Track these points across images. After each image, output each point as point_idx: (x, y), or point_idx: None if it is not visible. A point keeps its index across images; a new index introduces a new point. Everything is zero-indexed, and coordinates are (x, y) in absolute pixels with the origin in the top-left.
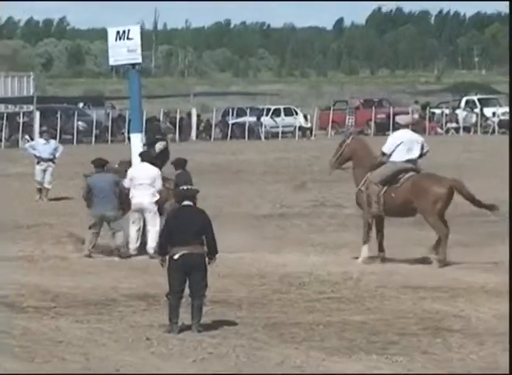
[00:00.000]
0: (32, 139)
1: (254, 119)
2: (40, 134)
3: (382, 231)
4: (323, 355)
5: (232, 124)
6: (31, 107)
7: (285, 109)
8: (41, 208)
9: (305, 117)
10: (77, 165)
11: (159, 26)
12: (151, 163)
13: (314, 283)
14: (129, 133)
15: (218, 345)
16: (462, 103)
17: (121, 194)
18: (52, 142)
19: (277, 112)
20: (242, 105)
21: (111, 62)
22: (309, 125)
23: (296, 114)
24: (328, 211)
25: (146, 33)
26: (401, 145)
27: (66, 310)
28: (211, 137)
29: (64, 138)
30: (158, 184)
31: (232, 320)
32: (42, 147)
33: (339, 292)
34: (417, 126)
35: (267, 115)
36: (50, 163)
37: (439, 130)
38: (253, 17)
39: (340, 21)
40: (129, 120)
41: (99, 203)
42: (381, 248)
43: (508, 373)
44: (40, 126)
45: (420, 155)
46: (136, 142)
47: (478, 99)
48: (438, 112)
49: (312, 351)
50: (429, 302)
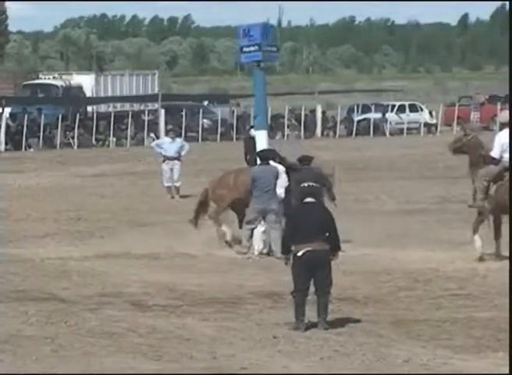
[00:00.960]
0: (157, 137)
1: (379, 115)
2: (166, 133)
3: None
4: (450, 353)
5: (358, 121)
6: (156, 105)
7: (410, 105)
8: (168, 206)
9: (430, 113)
10: (203, 163)
11: (284, 24)
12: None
13: (440, 279)
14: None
15: (344, 343)
16: None
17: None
18: (178, 140)
19: (402, 109)
20: (366, 101)
21: (242, 59)
22: (434, 121)
23: (422, 110)
24: (454, 207)
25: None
26: (505, 145)
27: (193, 308)
28: (336, 134)
29: (189, 136)
30: (283, 182)
31: (359, 318)
32: (168, 145)
33: (466, 289)
34: None
35: (392, 111)
36: (176, 161)
37: None
38: (377, 14)
39: (465, 17)
40: (254, 117)
41: (261, 196)
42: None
43: (508, 373)
44: (166, 124)
45: None
46: (262, 139)
47: None
48: None
49: (439, 348)
50: None
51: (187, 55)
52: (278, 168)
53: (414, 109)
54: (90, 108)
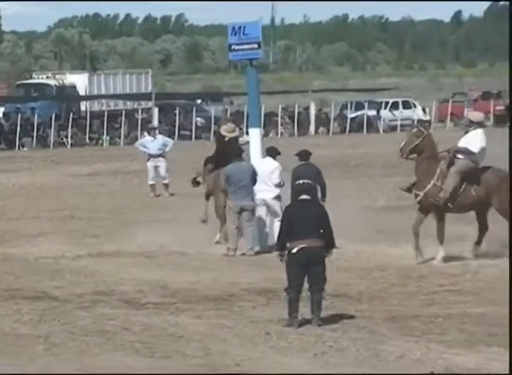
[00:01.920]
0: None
1: (372, 112)
2: (148, 132)
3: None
4: (443, 348)
5: (351, 118)
6: (150, 103)
7: (403, 102)
8: (160, 204)
9: (423, 110)
10: (196, 161)
11: (277, 22)
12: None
13: (432, 275)
14: (247, 128)
15: (338, 339)
16: None
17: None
18: (159, 137)
19: (395, 106)
20: (360, 98)
21: (230, 56)
22: (428, 118)
23: (415, 107)
24: None
25: (263, 28)
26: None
27: (186, 306)
28: (329, 132)
29: (182, 134)
30: (275, 179)
31: (352, 314)
32: (150, 144)
33: (459, 284)
34: None
35: (385, 108)
36: (160, 158)
37: None
38: (371, 11)
39: (458, 14)
40: (248, 115)
41: (237, 193)
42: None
43: (508, 373)
44: (159, 122)
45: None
46: (255, 137)
47: None
48: None
49: (432, 344)
50: None
51: (181, 54)
52: (253, 165)
53: (407, 106)
54: (83, 107)
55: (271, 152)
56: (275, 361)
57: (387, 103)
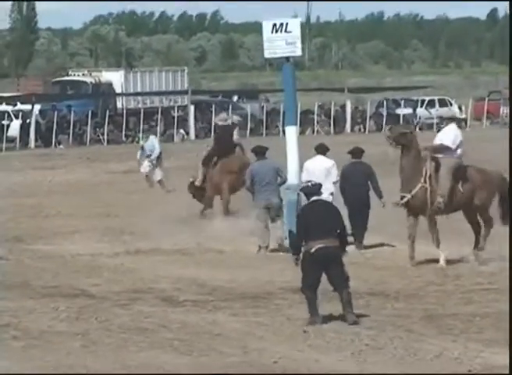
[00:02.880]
0: (187, 133)
1: (408, 110)
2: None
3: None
4: (481, 347)
5: (387, 115)
6: (186, 101)
7: (439, 100)
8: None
9: (460, 108)
10: None
11: (312, 19)
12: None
13: (470, 274)
14: (283, 126)
15: (375, 337)
16: None
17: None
18: (151, 138)
19: (432, 104)
20: (396, 96)
21: (266, 54)
22: (464, 116)
23: (451, 105)
24: None
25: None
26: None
27: (223, 303)
28: (365, 130)
29: None
30: (334, 176)
31: (390, 312)
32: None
33: (496, 283)
34: None
35: (421, 106)
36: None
37: None
38: (406, 9)
39: (494, 11)
40: (284, 113)
41: (262, 191)
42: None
43: (508, 373)
44: (195, 120)
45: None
46: (291, 135)
47: None
48: None
49: (470, 342)
50: None
51: (216, 51)
52: (276, 163)
53: (443, 104)
54: (119, 104)
55: (321, 150)
56: (312, 359)
57: (423, 101)
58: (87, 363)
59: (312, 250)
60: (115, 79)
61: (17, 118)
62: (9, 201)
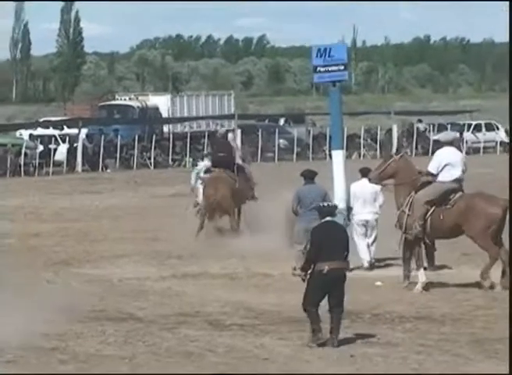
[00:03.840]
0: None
1: (455, 134)
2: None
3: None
4: None
5: (434, 140)
6: (232, 125)
7: (486, 124)
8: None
9: (507, 132)
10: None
11: (358, 43)
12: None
13: None
14: (330, 150)
15: (422, 362)
16: None
17: None
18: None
19: (478, 128)
20: (442, 120)
21: (315, 79)
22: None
23: (498, 129)
24: None
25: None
26: (448, 165)
27: (271, 327)
28: (412, 153)
29: (265, 156)
30: (381, 200)
31: (437, 336)
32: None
33: None
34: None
35: (468, 130)
36: None
37: None
38: (452, 32)
39: None
40: (330, 137)
41: (305, 214)
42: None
43: (508, 372)
44: (242, 144)
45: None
46: (338, 159)
47: None
48: None
49: None
50: None
51: (263, 75)
52: (324, 188)
53: (490, 128)
54: (166, 128)
55: (365, 173)
56: None
57: (470, 125)
58: None
59: (325, 270)
60: (162, 103)
61: (64, 142)
62: (56, 225)
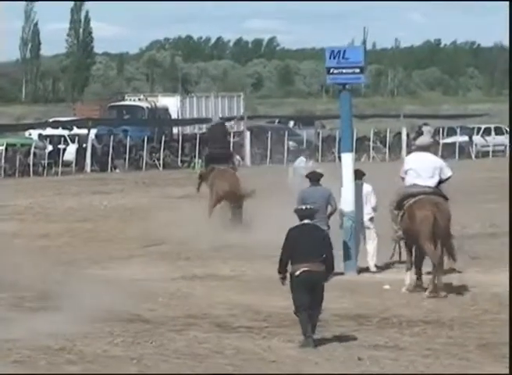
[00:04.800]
0: (242, 159)
1: (464, 138)
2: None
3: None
4: None
5: (444, 144)
6: (242, 127)
7: (495, 128)
8: (256, 225)
9: None
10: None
11: (368, 46)
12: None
13: None
14: (339, 152)
15: (430, 365)
16: None
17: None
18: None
19: (488, 131)
20: (452, 124)
21: (327, 80)
22: None
23: (507, 133)
24: None
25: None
26: (411, 170)
27: (279, 330)
28: None
29: (274, 158)
30: (373, 201)
31: (444, 340)
32: None
33: None
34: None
35: (477, 134)
36: None
37: None
38: (463, 36)
39: None
40: (340, 139)
41: None
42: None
43: (508, 372)
44: (251, 146)
45: (439, 181)
46: (347, 162)
47: None
48: None
49: None
50: None
51: (272, 77)
52: (329, 190)
53: (499, 132)
54: (175, 129)
55: (357, 175)
56: None
57: (479, 129)
58: None
59: (297, 273)
60: (171, 104)
61: (73, 142)
62: (65, 226)
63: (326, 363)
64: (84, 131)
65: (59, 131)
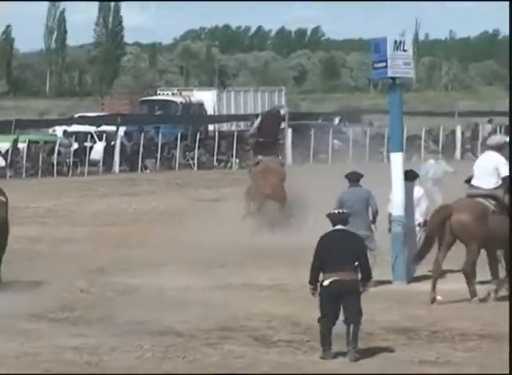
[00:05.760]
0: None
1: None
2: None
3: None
4: None
5: None
6: (283, 124)
7: None
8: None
9: None
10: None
11: (421, 37)
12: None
13: None
14: (388, 152)
15: None
16: None
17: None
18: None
19: None
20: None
21: (389, 73)
22: None
23: None
24: None
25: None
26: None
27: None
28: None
29: (318, 157)
30: (424, 206)
31: (502, 356)
32: None
33: None
34: None
35: None
36: None
37: None
38: None
39: None
40: (389, 138)
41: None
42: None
43: (508, 373)
44: (293, 144)
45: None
46: (397, 162)
47: None
48: None
49: None
50: None
51: (316, 70)
52: (368, 190)
53: None
54: (211, 126)
55: (410, 177)
56: None
57: None
58: None
59: (326, 283)
60: (207, 99)
61: (101, 140)
62: (92, 230)
63: None
64: (113, 128)
65: (86, 128)
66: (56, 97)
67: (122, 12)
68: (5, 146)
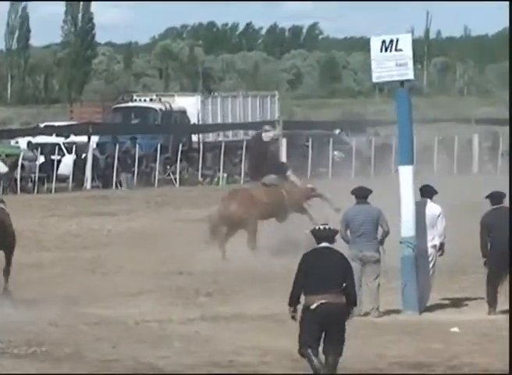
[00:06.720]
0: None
1: None
2: None
3: None
4: None
5: None
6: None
7: None
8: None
9: None
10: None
11: (432, 35)
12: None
13: None
14: (396, 165)
15: None
16: None
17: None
18: None
19: None
20: None
21: (374, 78)
22: None
23: None
24: None
25: (416, 42)
26: None
27: None
28: (497, 169)
29: (317, 171)
30: (440, 227)
31: None
32: None
33: None
34: None
35: None
36: None
37: None
38: None
39: None
40: (397, 150)
41: (355, 242)
42: None
43: (508, 373)
44: (287, 156)
45: None
46: (406, 176)
47: None
48: None
49: None
50: None
51: (314, 73)
52: (377, 208)
53: None
54: (195, 137)
55: (427, 193)
56: None
57: None
58: None
59: (313, 306)
60: (190, 106)
61: (70, 152)
62: (60, 254)
63: None
64: (83, 139)
65: (53, 139)
66: (19, 104)
67: (93, 8)
68: None
